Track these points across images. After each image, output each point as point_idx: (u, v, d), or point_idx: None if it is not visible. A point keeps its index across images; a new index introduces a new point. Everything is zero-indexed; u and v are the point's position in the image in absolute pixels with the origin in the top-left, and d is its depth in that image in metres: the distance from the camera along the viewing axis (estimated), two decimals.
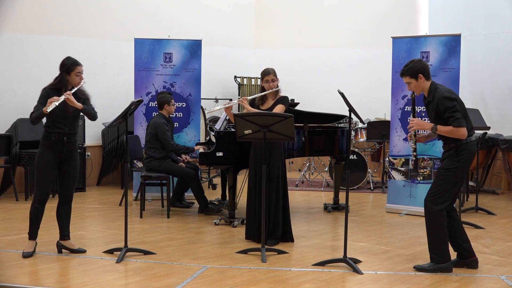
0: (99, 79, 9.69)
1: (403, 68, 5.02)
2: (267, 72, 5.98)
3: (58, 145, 5.27)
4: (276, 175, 5.86)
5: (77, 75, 5.30)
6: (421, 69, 4.94)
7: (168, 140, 7.17)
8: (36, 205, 5.31)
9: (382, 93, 10.15)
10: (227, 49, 11.71)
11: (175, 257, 5.38)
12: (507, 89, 9.59)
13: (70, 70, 5.28)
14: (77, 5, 9.46)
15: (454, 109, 4.82)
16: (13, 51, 8.70)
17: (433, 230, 4.97)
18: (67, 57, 5.38)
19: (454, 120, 4.80)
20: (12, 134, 8.13)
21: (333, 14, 11.95)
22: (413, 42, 7.54)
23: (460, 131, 4.82)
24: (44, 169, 5.27)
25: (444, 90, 4.91)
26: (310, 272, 4.99)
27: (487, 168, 9.56)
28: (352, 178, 9.18)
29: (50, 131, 5.26)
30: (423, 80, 4.95)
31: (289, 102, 6.16)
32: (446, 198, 4.92)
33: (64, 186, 5.40)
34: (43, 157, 5.27)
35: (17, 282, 4.61)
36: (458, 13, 10.29)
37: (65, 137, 5.28)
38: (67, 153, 5.32)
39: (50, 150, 5.26)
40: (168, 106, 7.35)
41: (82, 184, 8.94)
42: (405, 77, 5.00)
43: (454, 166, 4.89)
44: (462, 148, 4.89)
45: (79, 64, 5.34)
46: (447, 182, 4.92)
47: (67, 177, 5.38)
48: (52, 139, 5.25)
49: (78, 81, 5.32)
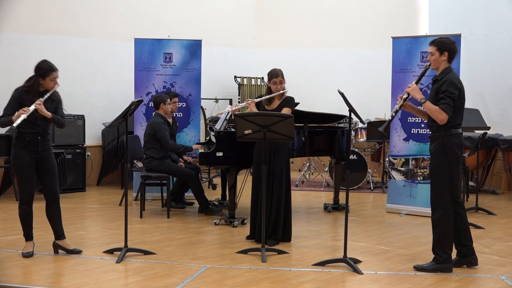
0: (99, 79, 9.71)
1: (436, 38, 5.06)
2: (275, 74, 5.94)
3: (32, 145, 5.21)
4: (280, 175, 5.86)
5: (52, 80, 5.19)
6: (450, 49, 4.97)
7: (166, 139, 7.17)
8: (24, 206, 5.29)
9: (382, 93, 10.15)
10: (227, 49, 11.71)
11: (175, 257, 5.38)
12: (507, 89, 9.59)
13: (45, 75, 5.17)
14: (77, 5, 9.46)
15: (451, 95, 4.85)
16: (13, 51, 8.70)
17: (438, 231, 4.98)
18: (43, 61, 5.23)
19: (444, 104, 4.84)
20: (12, 134, 8.12)
21: (333, 14, 11.95)
22: (413, 42, 7.53)
23: (442, 115, 4.83)
24: (22, 170, 5.23)
25: (454, 77, 4.95)
26: (310, 272, 4.99)
27: (487, 168, 9.56)
28: (352, 178, 9.18)
29: (23, 131, 5.18)
30: (445, 59, 4.98)
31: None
32: (447, 191, 4.94)
33: (46, 185, 5.35)
34: (19, 158, 5.22)
35: (17, 282, 4.62)
36: (458, 13, 10.29)
37: (39, 137, 5.22)
38: (42, 152, 5.26)
39: (24, 151, 5.21)
40: (164, 105, 7.34)
41: (82, 184, 8.94)
42: (432, 47, 5.01)
43: (442, 160, 4.93)
44: (448, 139, 4.91)
45: (55, 70, 5.21)
46: (440, 178, 4.95)
47: (47, 176, 5.32)
48: (26, 139, 5.20)
49: (52, 86, 5.21)
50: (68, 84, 8.25)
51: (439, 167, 4.96)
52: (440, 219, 4.97)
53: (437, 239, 5.01)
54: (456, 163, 4.97)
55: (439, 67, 5.01)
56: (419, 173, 7.47)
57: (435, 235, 5.02)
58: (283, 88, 5.96)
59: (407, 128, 7.57)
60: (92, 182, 9.54)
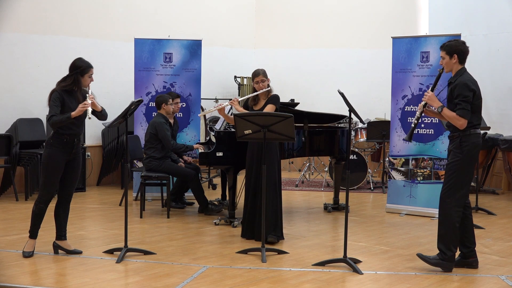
0: (99, 79, 9.56)
1: (445, 42, 5.11)
2: (257, 73, 6.09)
3: (69, 146, 5.25)
4: (273, 174, 5.89)
5: (89, 77, 5.31)
6: (459, 50, 5.01)
7: (168, 139, 7.17)
8: (41, 205, 5.29)
9: (382, 93, 10.16)
10: (227, 49, 11.71)
11: (175, 257, 5.38)
12: (507, 89, 9.59)
13: (84, 72, 5.27)
14: (77, 5, 9.46)
15: (466, 99, 4.88)
16: (13, 51, 8.69)
17: (445, 229, 5.00)
18: (79, 58, 5.34)
19: (460, 109, 4.87)
20: (12, 134, 8.13)
21: (333, 14, 11.95)
22: (413, 42, 7.54)
23: (460, 121, 4.87)
24: (53, 170, 5.24)
25: (467, 78, 4.97)
26: (310, 272, 4.99)
27: (487, 168, 9.55)
28: (352, 178, 9.18)
29: (62, 133, 5.20)
30: (455, 61, 5.02)
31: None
32: (458, 189, 4.97)
33: (65, 186, 5.38)
34: (53, 158, 5.22)
35: (17, 282, 4.61)
36: (458, 13, 10.28)
37: (76, 139, 5.29)
38: (74, 154, 5.33)
39: (60, 152, 5.22)
40: (166, 106, 7.35)
41: (82, 184, 8.94)
42: (442, 51, 5.08)
43: (459, 158, 4.95)
44: (465, 139, 4.94)
45: (92, 66, 5.35)
46: (456, 175, 4.97)
47: (70, 178, 5.36)
48: (63, 140, 5.22)
49: (89, 82, 5.33)
50: None
51: (455, 165, 4.98)
52: (448, 216, 4.97)
53: (442, 235, 5.01)
54: (471, 163, 5.01)
55: (452, 69, 5.07)
56: (419, 173, 7.47)
57: (440, 231, 5.04)
58: (265, 86, 6.04)
59: (407, 128, 7.57)
60: (92, 182, 9.54)
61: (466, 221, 5.09)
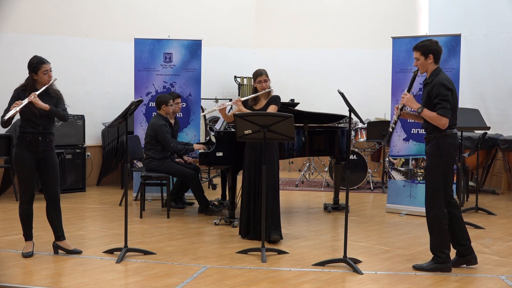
0: (99, 79, 9.71)
1: (418, 43, 5.07)
2: (260, 73, 6.05)
3: (33, 145, 5.19)
4: (272, 174, 5.89)
5: (44, 74, 5.15)
6: (433, 50, 4.99)
7: (168, 142, 7.17)
8: (24, 206, 5.29)
9: (382, 93, 10.16)
10: (227, 49, 11.71)
11: (175, 257, 5.38)
12: (507, 89, 9.58)
13: (36, 69, 5.15)
14: (77, 5, 9.46)
15: (445, 98, 4.86)
16: (13, 51, 8.70)
17: (434, 232, 5.00)
18: (33, 56, 5.22)
19: (441, 108, 4.84)
20: (12, 134, 8.13)
21: (333, 14, 11.95)
22: (413, 42, 7.43)
23: (442, 120, 4.84)
24: (23, 170, 5.22)
25: (444, 78, 4.95)
26: (310, 272, 4.99)
27: (487, 168, 9.56)
28: (352, 178, 9.18)
29: (24, 131, 5.18)
30: (431, 61, 4.99)
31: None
32: (442, 193, 4.95)
33: (47, 186, 5.35)
34: (19, 157, 5.21)
35: (17, 282, 4.61)
36: (458, 13, 10.28)
37: (40, 137, 5.20)
38: (43, 153, 5.25)
39: (25, 150, 5.19)
40: (165, 107, 7.34)
41: (82, 184, 8.95)
42: (416, 52, 5.04)
43: (437, 161, 4.94)
44: (442, 141, 4.92)
45: (45, 62, 5.17)
46: (435, 179, 4.96)
47: (47, 177, 5.32)
48: (26, 139, 5.18)
49: (47, 80, 5.17)
50: (68, 84, 8.26)
51: (434, 168, 4.97)
52: (435, 220, 4.99)
53: (434, 240, 5.03)
54: (451, 163, 4.99)
55: (427, 70, 5.03)
56: (419, 173, 7.47)
57: (432, 236, 5.04)
58: (268, 86, 6.02)
59: (407, 128, 7.57)
60: (92, 182, 9.54)
61: (456, 219, 5.06)
